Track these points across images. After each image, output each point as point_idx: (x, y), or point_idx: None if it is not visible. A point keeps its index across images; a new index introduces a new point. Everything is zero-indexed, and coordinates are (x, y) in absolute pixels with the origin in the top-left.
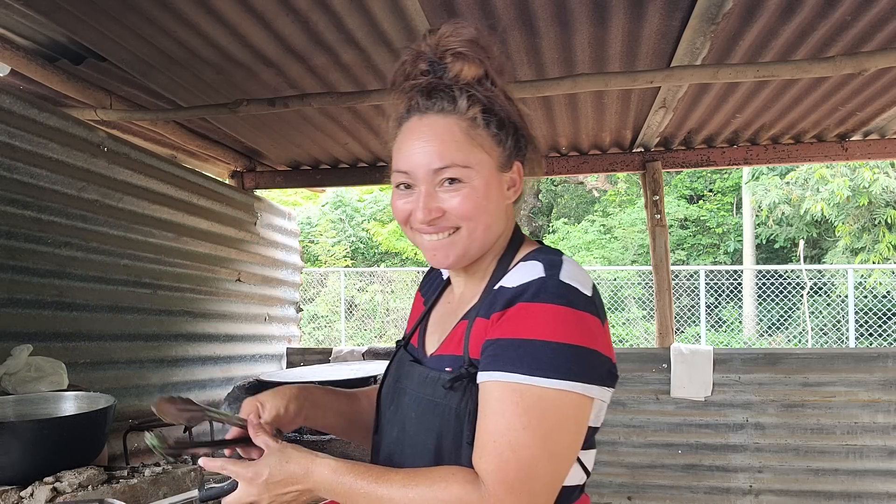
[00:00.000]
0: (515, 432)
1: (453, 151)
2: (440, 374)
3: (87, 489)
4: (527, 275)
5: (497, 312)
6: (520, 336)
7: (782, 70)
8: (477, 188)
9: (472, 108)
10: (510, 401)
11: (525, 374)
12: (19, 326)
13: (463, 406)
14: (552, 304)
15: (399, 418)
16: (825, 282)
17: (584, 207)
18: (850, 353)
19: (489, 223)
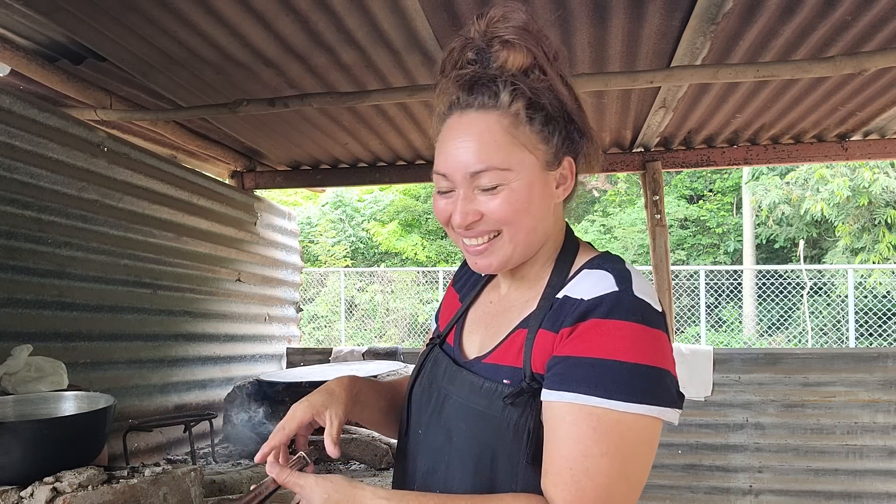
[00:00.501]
0: (593, 459)
1: (492, 153)
2: (497, 385)
3: (87, 489)
4: (598, 287)
5: (567, 327)
6: (594, 355)
7: (782, 70)
8: (517, 190)
9: (515, 102)
10: (587, 425)
11: (602, 398)
12: (19, 326)
13: (523, 423)
14: (628, 322)
15: (444, 427)
16: (825, 282)
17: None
18: (850, 353)
19: (533, 226)
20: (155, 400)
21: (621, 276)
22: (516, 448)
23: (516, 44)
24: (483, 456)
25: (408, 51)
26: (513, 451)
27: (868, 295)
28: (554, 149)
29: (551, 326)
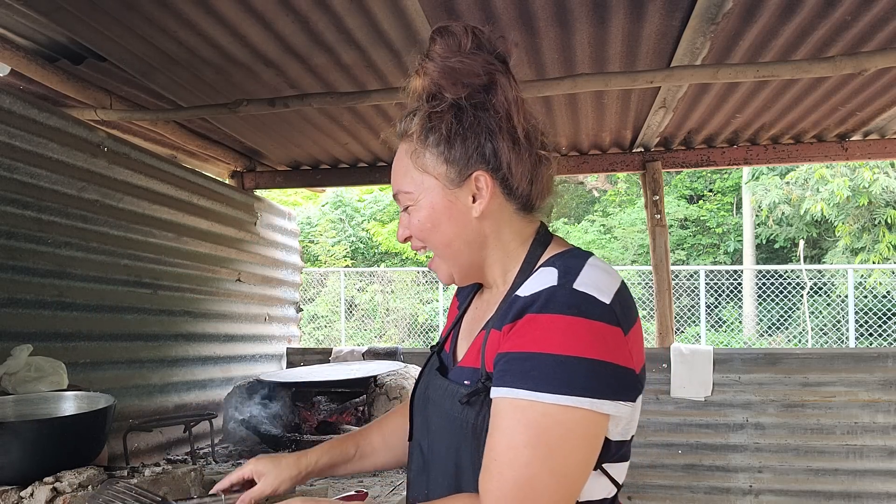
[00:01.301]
0: (515, 450)
1: (399, 178)
2: (458, 387)
3: (87, 489)
4: (539, 283)
5: (508, 324)
6: (527, 349)
7: (782, 70)
8: (420, 210)
9: (415, 127)
10: (513, 418)
11: (529, 390)
12: (19, 326)
13: (479, 422)
14: (562, 315)
15: (425, 430)
16: (825, 282)
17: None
18: (850, 353)
19: (447, 241)
20: (155, 400)
21: (566, 271)
22: (476, 447)
23: (421, 70)
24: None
25: (408, 51)
26: (473, 451)
27: (868, 295)
28: (457, 167)
29: (499, 325)
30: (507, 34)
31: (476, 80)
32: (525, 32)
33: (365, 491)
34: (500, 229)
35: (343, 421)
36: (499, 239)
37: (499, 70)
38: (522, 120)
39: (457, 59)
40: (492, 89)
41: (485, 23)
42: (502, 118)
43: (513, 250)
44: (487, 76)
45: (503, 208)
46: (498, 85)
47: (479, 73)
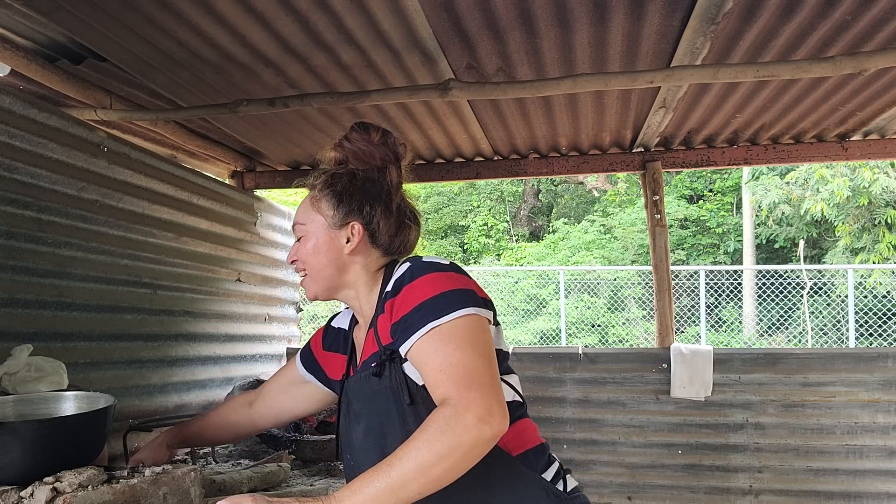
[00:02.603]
0: (450, 355)
1: (300, 213)
2: (369, 370)
3: (87, 489)
4: (399, 271)
5: (389, 300)
6: (416, 303)
7: (782, 70)
8: (310, 241)
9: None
10: (437, 340)
11: (435, 319)
12: (19, 326)
13: (393, 381)
14: (425, 275)
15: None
16: (825, 282)
17: (584, 207)
18: (850, 353)
19: (322, 265)
20: (155, 400)
21: (413, 258)
22: (397, 399)
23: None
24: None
25: (408, 51)
26: (396, 402)
27: (868, 295)
28: (341, 215)
29: (381, 310)
30: (508, 35)
31: (373, 162)
32: (525, 32)
33: None
34: (365, 262)
35: None
36: (363, 268)
37: (391, 162)
38: (398, 198)
39: (364, 145)
40: (383, 172)
41: (485, 24)
42: (383, 192)
43: (372, 274)
44: (382, 162)
45: (368, 250)
46: (388, 171)
47: (376, 158)
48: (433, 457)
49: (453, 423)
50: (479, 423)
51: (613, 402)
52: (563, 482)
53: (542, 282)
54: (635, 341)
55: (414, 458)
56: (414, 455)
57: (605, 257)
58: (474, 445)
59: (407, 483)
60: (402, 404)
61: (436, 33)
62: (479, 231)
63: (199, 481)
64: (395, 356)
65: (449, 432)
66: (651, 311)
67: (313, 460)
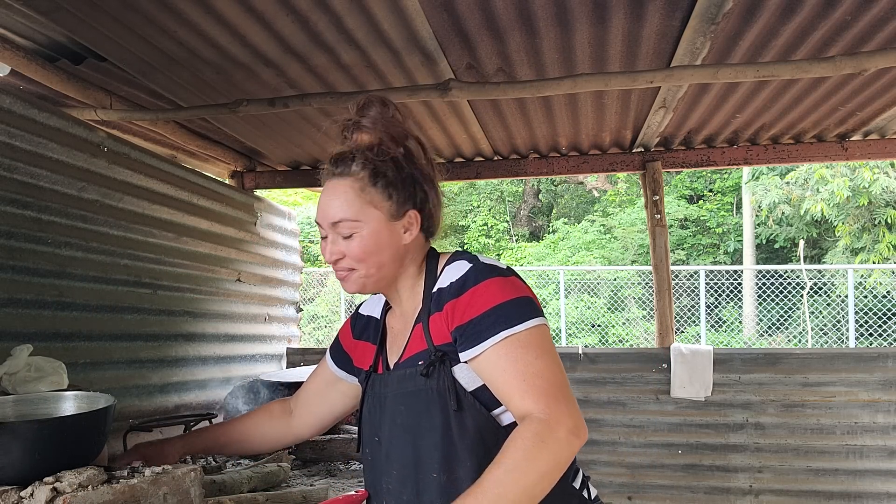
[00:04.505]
0: (531, 365)
1: (346, 208)
2: (416, 368)
3: (87, 489)
4: (459, 270)
5: (450, 302)
6: (486, 308)
7: (782, 70)
8: (366, 237)
9: (362, 171)
10: (515, 348)
11: (511, 327)
12: (19, 326)
13: (441, 383)
14: (490, 279)
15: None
16: (825, 282)
17: (584, 207)
18: (850, 353)
19: (382, 262)
20: (155, 400)
21: (470, 258)
22: (443, 403)
23: (366, 128)
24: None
25: (408, 51)
26: (442, 406)
27: (868, 295)
28: (396, 205)
29: (437, 309)
30: (508, 35)
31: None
32: (525, 32)
33: (365, 490)
34: (416, 251)
35: (343, 421)
36: (413, 258)
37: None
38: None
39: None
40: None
41: (485, 24)
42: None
43: (418, 264)
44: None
45: (419, 237)
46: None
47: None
48: (536, 476)
49: (548, 439)
50: (570, 437)
51: (613, 402)
52: (588, 490)
53: (542, 282)
54: (635, 341)
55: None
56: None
57: (605, 257)
58: (568, 459)
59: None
60: (448, 408)
61: (436, 33)
62: (479, 231)
63: (199, 481)
64: (445, 358)
65: (546, 450)
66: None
67: (313, 460)
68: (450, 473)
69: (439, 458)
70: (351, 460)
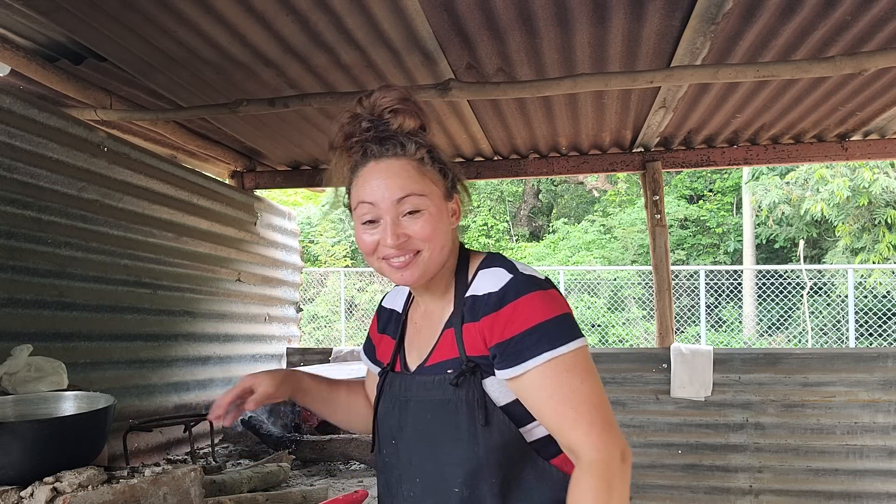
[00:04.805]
0: (578, 390)
1: (410, 183)
2: (443, 376)
3: (87, 489)
4: (498, 279)
5: (488, 316)
6: (529, 325)
7: (782, 70)
8: (434, 214)
9: (418, 151)
10: (559, 371)
11: (555, 348)
12: (19, 326)
13: (470, 395)
14: (531, 293)
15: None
16: (825, 282)
17: (584, 207)
18: (850, 353)
19: (443, 243)
20: (155, 400)
21: (509, 267)
22: (471, 416)
23: (405, 110)
24: (448, 431)
25: (408, 51)
26: (469, 420)
27: (868, 295)
28: (448, 186)
29: (472, 318)
30: (508, 35)
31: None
32: (525, 32)
33: (365, 490)
34: (455, 242)
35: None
36: (454, 249)
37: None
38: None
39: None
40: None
41: (485, 24)
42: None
43: (454, 260)
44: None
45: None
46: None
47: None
48: None
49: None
50: (624, 465)
51: (613, 402)
52: None
53: None
54: (635, 341)
55: None
56: None
57: (605, 257)
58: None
59: None
60: (476, 422)
61: (436, 33)
62: (479, 231)
63: (199, 481)
64: (476, 370)
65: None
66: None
67: (313, 460)
68: (473, 489)
69: (463, 474)
70: (351, 460)
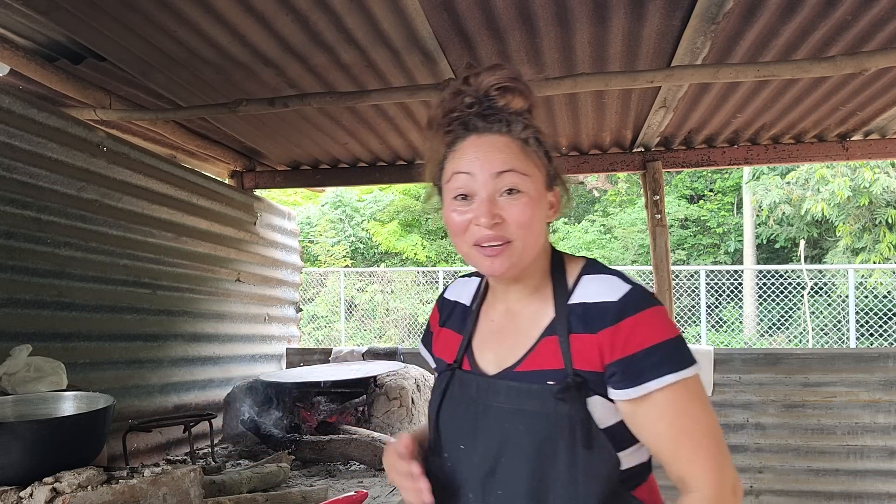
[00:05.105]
0: (699, 421)
1: (514, 159)
2: (544, 387)
3: (86, 489)
4: (612, 289)
5: (608, 328)
6: (651, 343)
7: (783, 70)
8: (534, 198)
9: (524, 131)
10: (680, 398)
11: (676, 371)
12: (19, 326)
13: (574, 413)
14: (650, 308)
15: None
16: (826, 282)
17: (584, 207)
18: (851, 354)
19: (538, 235)
20: (155, 400)
21: (622, 277)
22: (572, 436)
23: (514, 88)
24: (543, 448)
25: (408, 51)
26: (569, 440)
27: (869, 295)
28: (550, 174)
29: (585, 329)
30: (508, 34)
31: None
32: (525, 32)
33: (365, 491)
34: (547, 237)
35: (343, 421)
36: (546, 245)
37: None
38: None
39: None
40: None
41: (485, 24)
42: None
43: (546, 257)
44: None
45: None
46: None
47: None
48: None
49: None
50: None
51: None
52: None
53: None
54: None
55: None
56: None
57: (606, 257)
58: None
59: None
60: (577, 443)
61: (436, 33)
62: None
63: (198, 481)
64: (583, 386)
65: None
66: None
67: (313, 460)
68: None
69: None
70: (351, 461)
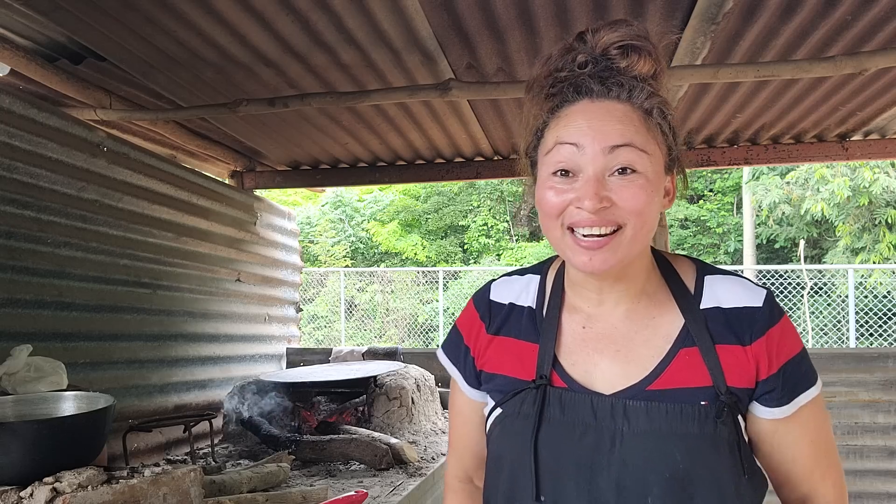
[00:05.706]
0: (829, 435)
1: (633, 132)
2: (697, 407)
3: (86, 489)
4: (749, 293)
5: (761, 339)
6: (794, 354)
7: (783, 70)
8: (651, 180)
9: (648, 101)
10: (817, 413)
11: (816, 384)
12: (19, 326)
13: (733, 438)
14: (784, 315)
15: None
16: (825, 282)
17: None
18: (851, 354)
19: (652, 225)
20: (155, 400)
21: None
22: (734, 463)
23: (642, 48)
24: (704, 478)
25: (408, 51)
26: (733, 467)
27: (868, 295)
28: (671, 156)
29: (732, 340)
30: (508, 34)
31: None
32: (525, 32)
33: (365, 491)
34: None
35: (343, 421)
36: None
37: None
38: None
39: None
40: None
41: (485, 24)
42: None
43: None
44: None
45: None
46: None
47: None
48: None
49: None
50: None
51: None
52: None
53: None
54: None
55: None
56: None
57: None
58: None
59: None
60: (739, 472)
61: (436, 33)
62: (479, 231)
63: (199, 481)
64: (737, 405)
65: None
66: None
67: (313, 461)
68: None
69: None
70: (351, 461)
